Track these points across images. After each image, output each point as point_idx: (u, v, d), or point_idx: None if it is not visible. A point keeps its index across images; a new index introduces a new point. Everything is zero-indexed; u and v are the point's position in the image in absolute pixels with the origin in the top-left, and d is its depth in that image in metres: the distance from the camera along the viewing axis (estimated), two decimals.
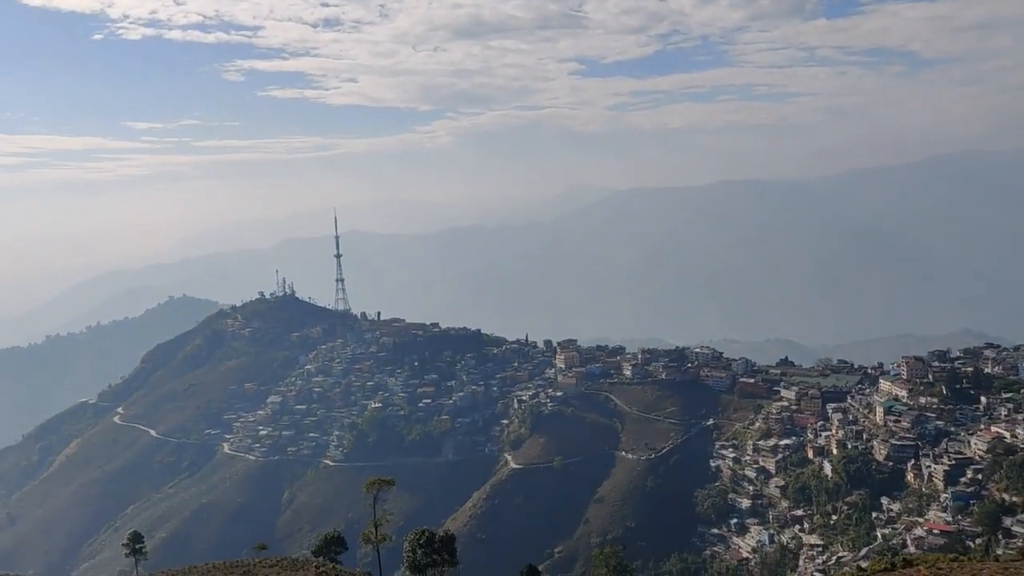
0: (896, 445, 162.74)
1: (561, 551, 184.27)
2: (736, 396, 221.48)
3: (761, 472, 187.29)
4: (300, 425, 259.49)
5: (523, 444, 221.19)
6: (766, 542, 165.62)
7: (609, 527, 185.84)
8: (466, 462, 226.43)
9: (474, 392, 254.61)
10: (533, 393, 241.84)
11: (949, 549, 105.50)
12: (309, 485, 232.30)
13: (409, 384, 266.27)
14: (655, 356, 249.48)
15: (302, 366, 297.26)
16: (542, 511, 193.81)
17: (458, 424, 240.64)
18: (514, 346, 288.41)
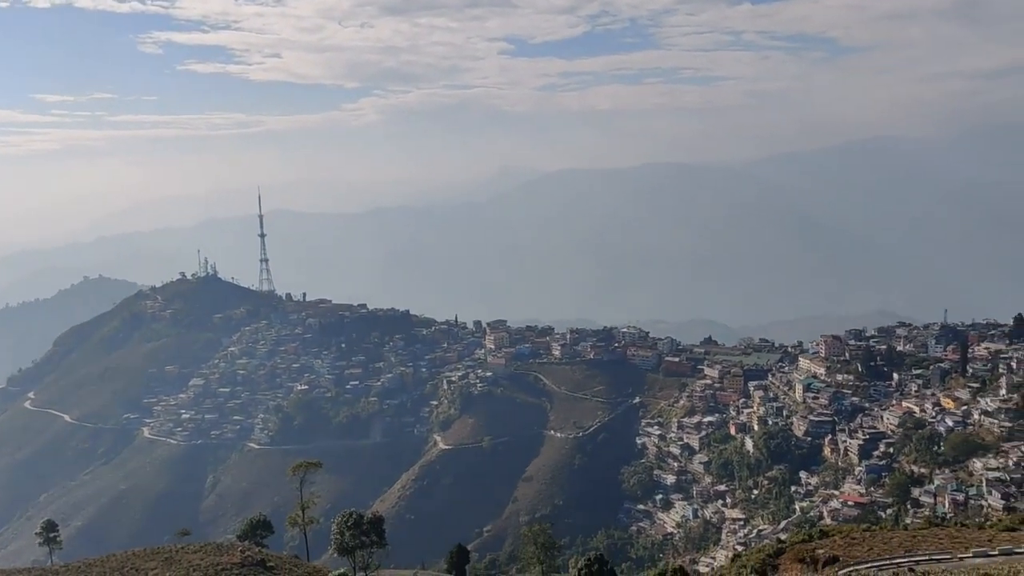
0: (814, 421, 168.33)
1: (490, 530, 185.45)
2: (662, 375, 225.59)
3: (685, 449, 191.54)
4: (224, 408, 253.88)
5: (452, 425, 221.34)
6: (690, 517, 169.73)
7: (538, 505, 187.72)
8: (395, 444, 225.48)
9: (403, 373, 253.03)
10: (462, 374, 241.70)
11: (862, 519, 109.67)
12: (233, 469, 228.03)
13: (336, 366, 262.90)
14: (583, 336, 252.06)
15: (225, 348, 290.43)
16: (471, 491, 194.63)
17: (386, 406, 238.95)
18: (443, 327, 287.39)
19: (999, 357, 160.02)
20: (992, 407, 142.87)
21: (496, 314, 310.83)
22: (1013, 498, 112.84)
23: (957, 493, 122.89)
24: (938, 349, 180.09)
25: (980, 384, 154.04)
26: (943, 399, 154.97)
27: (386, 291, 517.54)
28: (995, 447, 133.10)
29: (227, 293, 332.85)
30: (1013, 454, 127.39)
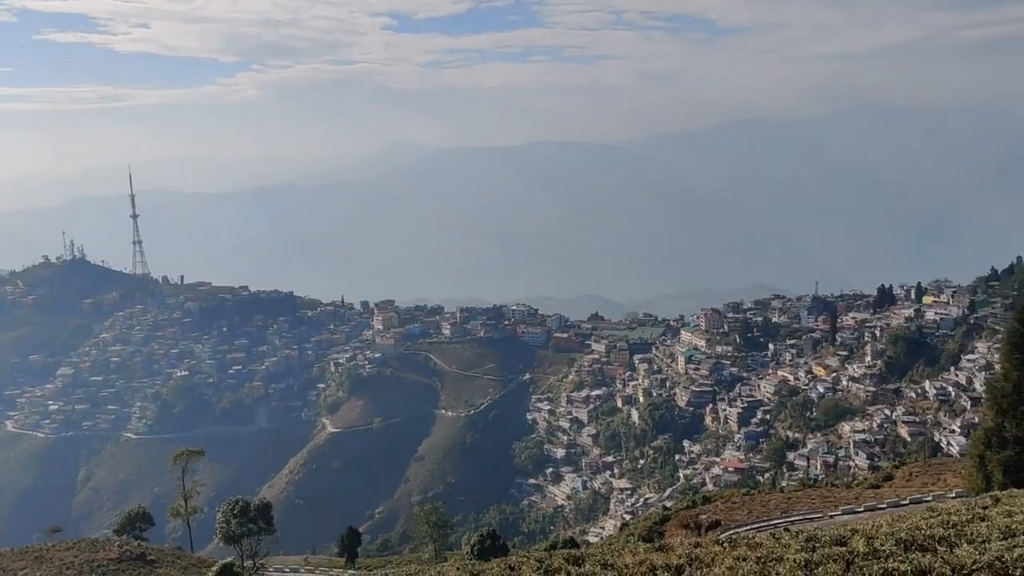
0: (696, 391, 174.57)
1: (381, 511, 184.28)
2: (551, 351, 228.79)
3: (575, 422, 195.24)
4: (96, 398, 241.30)
5: (341, 407, 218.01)
6: (580, 489, 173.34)
7: (430, 484, 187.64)
8: (282, 428, 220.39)
9: (288, 356, 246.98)
10: (351, 355, 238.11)
11: (742, 484, 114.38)
12: (109, 461, 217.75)
13: (218, 350, 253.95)
14: (473, 314, 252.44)
15: (97, 335, 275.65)
16: (362, 473, 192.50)
17: (272, 390, 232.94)
18: (330, 308, 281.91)
19: (864, 326, 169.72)
20: (859, 373, 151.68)
21: (384, 294, 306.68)
22: (877, 458, 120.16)
23: (828, 455, 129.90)
24: (810, 320, 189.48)
25: (848, 352, 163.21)
26: (815, 367, 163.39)
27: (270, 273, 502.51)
28: (861, 411, 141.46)
29: (97, 277, 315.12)
30: (877, 417, 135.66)
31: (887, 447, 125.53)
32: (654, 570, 13.45)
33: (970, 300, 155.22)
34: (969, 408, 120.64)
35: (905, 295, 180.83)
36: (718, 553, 14.34)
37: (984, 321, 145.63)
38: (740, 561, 13.10)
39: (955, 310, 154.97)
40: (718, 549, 14.93)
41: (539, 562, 16.63)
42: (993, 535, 12.43)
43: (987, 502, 16.90)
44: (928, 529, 13.33)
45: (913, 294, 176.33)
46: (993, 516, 14.34)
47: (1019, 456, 31.84)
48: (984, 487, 31.33)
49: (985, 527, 13.15)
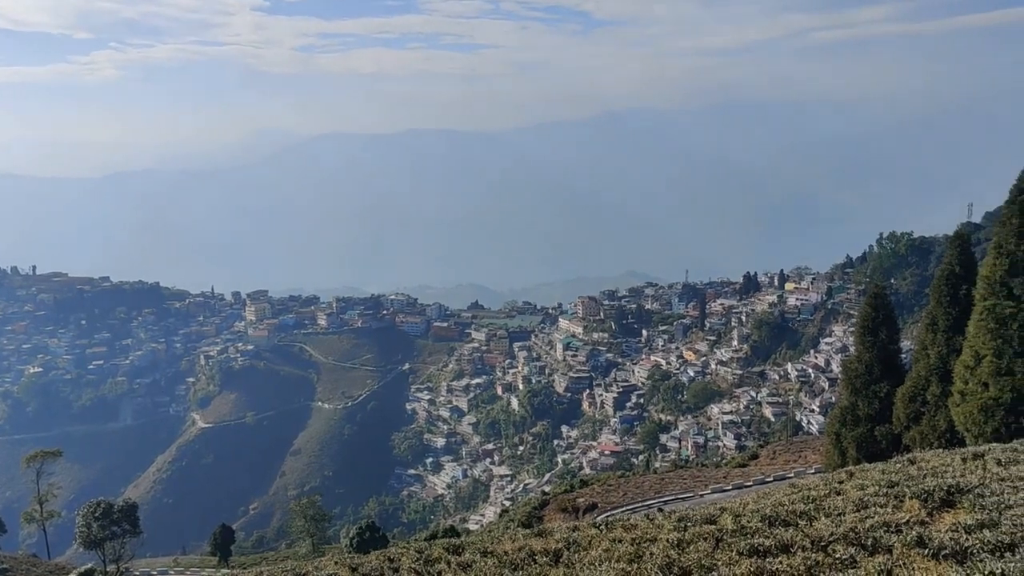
0: (573, 378, 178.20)
1: (256, 507, 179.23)
2: (431, 340, 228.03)
3: (455, 411, 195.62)
4: None
5: (212, 401, 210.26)
6: (460, 477, 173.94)
7: (307, 478, 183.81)
8: (148, 425, 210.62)
9: (155, 350, 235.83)
10: (222, 348, 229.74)
11: (618, 467, 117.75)
12: None
13: (76, 345, 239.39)
14: (350, 304, 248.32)
15: None
16: (236, 469, 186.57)
17: (137, 385, 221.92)
18: (199, 299, 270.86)
19: (731, 312, 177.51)
20: (726, 357, 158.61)
21: (257, 284, 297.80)
22: (744, 438, 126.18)
23: (698, 437, 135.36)
24: (681, 306, 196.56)
25: (716, 337, 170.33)
26: (685, 352, 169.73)
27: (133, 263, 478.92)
28: (729, 393, 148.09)
29: None
30: (743, 398, 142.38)
31: (753, 427, 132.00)
32: (533, 555, 13.56)
33: (828, 286, 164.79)
34: (827, 388, 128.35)
35: (769, 282, 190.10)
36: (595, 536, 14.60)
37: (840, 306, 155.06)
38: (616, 543, 13.38)
39: (814, 296, 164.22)
40: (595, 532, 15.21)
41: (419, 552, 16.50)
42: (848, 508, 13.16)
43: (842, 477, 17.92)
44: (790, 505, 13.99)
45: (776, 281, 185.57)
46: (848, 490, 15.19)
47: (871, 433, 33.97)
48: (840, 463, 33.27)
49: (841, 500, 13.91)
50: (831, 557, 10.26)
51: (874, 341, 34.84)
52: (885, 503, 13.08)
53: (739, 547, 11.28)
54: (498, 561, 13.62)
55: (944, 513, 12.08)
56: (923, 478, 14.96)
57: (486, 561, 13.85)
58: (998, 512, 11.19)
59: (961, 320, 28.71)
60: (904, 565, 9.51)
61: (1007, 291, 26.21)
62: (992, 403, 26.01)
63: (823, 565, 10.00)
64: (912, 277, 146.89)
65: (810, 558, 10.27)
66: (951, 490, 12.79)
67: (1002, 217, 27.58)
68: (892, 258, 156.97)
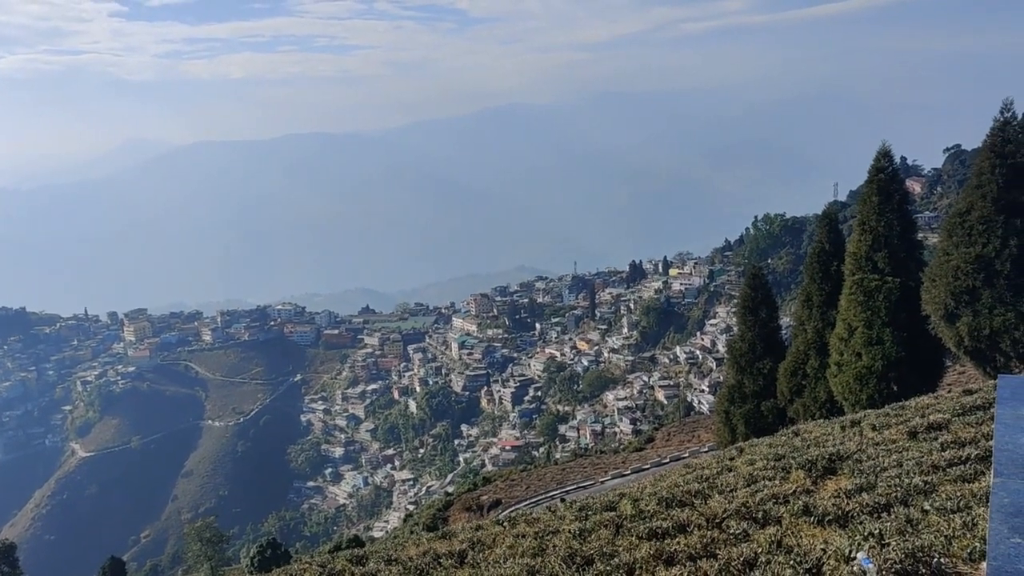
0: (470, 376, 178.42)
1: (148, 534, 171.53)
2: (322, 348, 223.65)
3: (352, 419, 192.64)
4: None
5: (93, 429, 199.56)
6: (361, 485, 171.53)
7: (200, 500, 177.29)
8: (23, 459, 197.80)
9: (24, 379, 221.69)
10: (100, 372, 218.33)
11: (519, 461, 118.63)
12: None
13: None
14: (236, 317, 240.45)
15: None
16: (123, 497, 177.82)
17: (7, 418, 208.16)
18: (71, 322, 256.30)
19: (620, 300, 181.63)
20: (618, 345, 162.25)
21: (134, 303, 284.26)
22: (639, 422, 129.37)
23: (596, 424, 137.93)
24: (572, 298, 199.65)
25: (607, 326, 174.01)
26: (578, 342, 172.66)
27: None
28: (622, 380, 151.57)
29: None
30: (636, 384, 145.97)
31: (647, 411, 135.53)
32: (438, 559, 13.47)
33: (709, 270, 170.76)
34: (715, 368, 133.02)
35: (654, 269, 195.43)
36: (499, 533, 14.63)
37: (722, 288, 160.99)
38: (520, 539, 13.44)
39: (697, 280, 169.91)
40: (499, 529, 15.25)
41: (322, 567, 16.14)
42: (739, 484, 13.66)
43: (733, 453, 18.59)
44: (685, 485, 14.41)
45: (661, 268, 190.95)
46: (738, 466, 15.77)
47: (758, 408, 35.40)
48: (730, 439, 34.53)
49: (732, 477, 14.43)
50: (726, 533, 10.62)
51: (755, 320, 36.31)
52: (773, 476, 13.64)
53: (639, 531, 11.53)
54: (403, 568, 13.47)
55: (827, 480, 12.70)
56: (807, 448, 15.69)
57: (391, 569, 13.69)
58: (875, 475, 11.86)
59: (834, 295, 30.25)
60: (793, 534, 9.94)
61: (872, 265, 27.80)
62: (865, 371, 27.54)
63: (719, 541, 10.34)
64: (787, 256, 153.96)
65: (706, 536, 10.59)
66: (832, 458, 13.46)
67: (863, 195, 29.22)
68: (767, 239, 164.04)
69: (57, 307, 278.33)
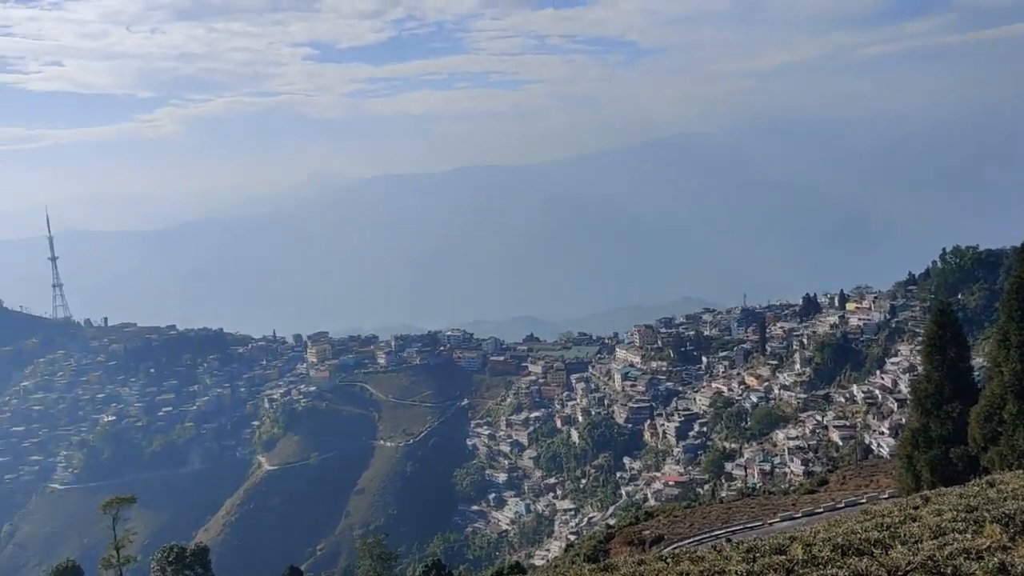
0: (634, 408, 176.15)
1: (323, 548, 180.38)
2: (488, 375, 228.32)
3: (515, 446, 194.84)
4: (18, 449, 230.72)
5: (277, 444, 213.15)
6: (523, 512, 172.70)
7: (371, 517, 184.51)
8: (216, 469, 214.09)
9: (220, 395, 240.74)
10: (285, 390, 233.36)
11: (683, 498, 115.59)
12: (33, 514, 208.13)
13: (146, 392, 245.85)
14: (408, 342, 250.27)
15: (17, 383, 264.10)
16: (302, 510, 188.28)
17: (204, 430, 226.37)
18: (261, 343, 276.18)
19: (792, 335, 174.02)
20: (789, 381, 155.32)
21: (316, 326, 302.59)
22: (811, 463, 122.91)
23: (764, 464, 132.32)
24: (740, 331, 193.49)
25: (778, 361, 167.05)
26: (747, 377, 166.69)
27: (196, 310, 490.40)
28: (793, 418, 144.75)
29: (16, 323, 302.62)
30: (809, 423, 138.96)
31: (820, 452, 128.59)
32: None
33: (891, 305, 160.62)
34: (896, 410, 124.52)
35: (829, 303, 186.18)
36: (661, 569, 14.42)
37: (905, 324, 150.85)
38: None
39: (877, 315, 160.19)
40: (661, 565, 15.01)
41: None
42: (925, 535, 12.79)
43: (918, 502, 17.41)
44: (863, 532, 13.65)
45: (837, 301, 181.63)
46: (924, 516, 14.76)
47: (945, 455, 32.91)
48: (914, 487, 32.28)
49: (917, 527, 13.53)
50: None
51: (943, 360, 33.90)
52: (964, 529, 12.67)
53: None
54: None
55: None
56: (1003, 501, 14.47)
57: None
58: None
59: None
60: None
61: None
62: None
63: None
64: (980, 292, 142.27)
65: None
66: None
67: None
68: (957, 273, 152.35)
69: (249, 328, 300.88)
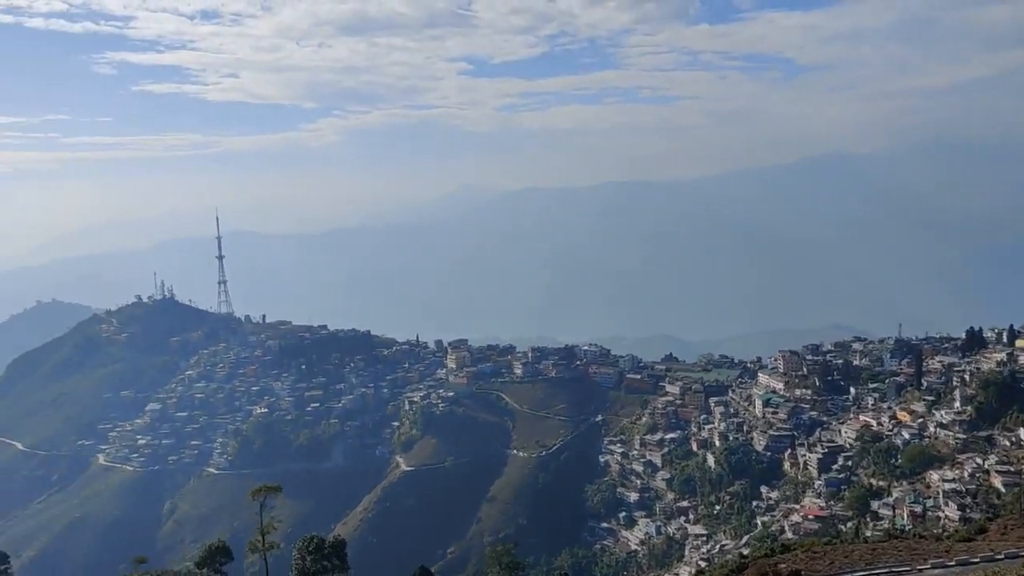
0: (774, 436, 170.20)
1: (454, 551, 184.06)
2: (623, 392, 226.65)
3: (648, 465, 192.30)
4: (181, 433, 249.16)
5: (415, 446, 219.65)
6: (653, 533, 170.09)
7: (501, 525, 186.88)
8: (356, 466, 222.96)
9: (364, 394, 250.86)
10: (424, 394, 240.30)
11: (823, 533, 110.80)
12: (191, 494, 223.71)
13: (296, 388, 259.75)
14: (545, 354, 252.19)
15: (183, 372, 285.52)
16: (434, 512, 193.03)
17: (347, 427, 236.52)
18: (405, 347, 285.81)
19: (952, 370, 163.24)
20: (947, 420, 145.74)
21: (457, 333, 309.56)
22: (968, 509, 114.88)
23: (915, 505, 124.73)
24: (893, 363, 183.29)
25: (935, 397, 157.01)
26: (899, 412, 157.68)
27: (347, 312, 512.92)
28: (951, 459, 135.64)
29: (184, 316, 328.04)
30: (968, 466, 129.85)
31: (980, 498, 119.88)
32: None
33: None
34: None
35: (996, 338, 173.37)
36: None
37: None
38: None
39: None
40: None
41: None
42: None
43: None
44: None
45: (1005, 337, 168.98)
46: None
47: None
48: None
49: None
50: None
51: None
52: None
53: None
54: None
55: None
56: None
57: None
58: None
59: None
60: None
61: None
62: None
63: None
64: None
65: None
66: None
67: None
68: None
69: (393, 332, 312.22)
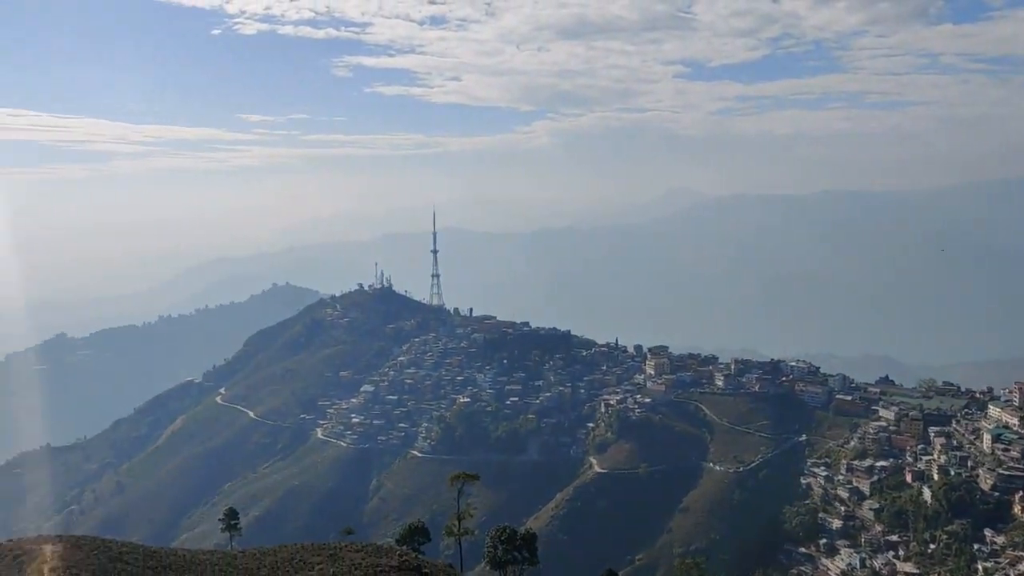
0: (1004, 475, 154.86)
1: (642, 559, 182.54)
2: (831, 413, 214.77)
3: (854, 493, 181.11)
4: (390, 415, 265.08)
5: (609, 449, 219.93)
6: (857, 565, 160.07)
7: (692, 538, 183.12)
8: (550, 462, 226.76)
9: (561, 393, 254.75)
10: (621, 398, 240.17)
11: None
12: (396, 474, 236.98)
13: (497, 381, 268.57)
14: (748, 367, 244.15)
15: (395, 358, 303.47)
16: (625, 517, 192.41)
17: (544, 424, 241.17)
18: (603, 349, 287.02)
19: None
20: None
21: (657, 339, 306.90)
22: None
23: None
24: None
25: None
26: None
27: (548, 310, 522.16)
28: None
29: (400, 305, 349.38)
30: None
31: None
32: None
33: None
34: None
35: None
36: None
37: None
38: None
39: None
40: None
41: None
42: None
43: None
44: None
45: None
46: None
47: None
48: None
49: None
50: None
51: None
52: None
53: None
54: None
55: None
56: None
57: None
58: None
59: None
60: None
61: None
62: None
63: None
64: None
65: None
66: None
67: None
68: None
69: (593, 334, 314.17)
